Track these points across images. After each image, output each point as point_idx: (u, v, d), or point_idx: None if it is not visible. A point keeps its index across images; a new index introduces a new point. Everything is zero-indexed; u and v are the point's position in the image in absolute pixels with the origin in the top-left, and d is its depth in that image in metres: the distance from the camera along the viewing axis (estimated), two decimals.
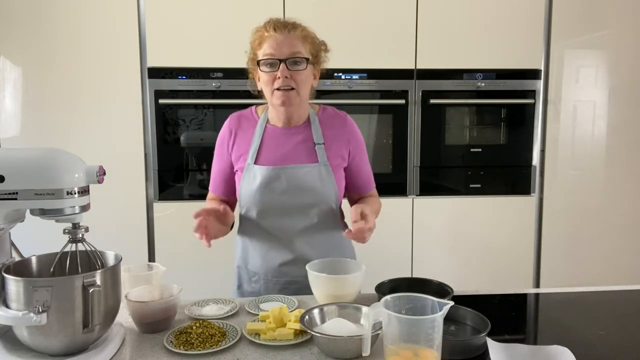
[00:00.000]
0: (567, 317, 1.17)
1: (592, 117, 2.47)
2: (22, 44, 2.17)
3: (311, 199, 1.36)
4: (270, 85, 1.32)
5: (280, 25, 1.31)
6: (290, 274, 1.39)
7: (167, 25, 2.22)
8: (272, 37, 1.30)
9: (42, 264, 1.03)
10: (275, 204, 1.36)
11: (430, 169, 2.42)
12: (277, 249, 1.39)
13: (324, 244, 1.39)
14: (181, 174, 2.30)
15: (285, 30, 1.31)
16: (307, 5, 2.24)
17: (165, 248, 2.29)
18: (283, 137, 1.39)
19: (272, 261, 1.40)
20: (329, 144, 1.39)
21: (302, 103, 1.37)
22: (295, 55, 1.30)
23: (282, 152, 1.38)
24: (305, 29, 1.35)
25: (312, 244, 1.38)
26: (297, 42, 1.31)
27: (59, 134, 2.21)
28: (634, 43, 2.43)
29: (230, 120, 1.46)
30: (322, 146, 1.38)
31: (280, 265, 1.39)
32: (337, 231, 1.43)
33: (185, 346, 0.97)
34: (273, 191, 1.35)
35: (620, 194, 2.51)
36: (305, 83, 1.34)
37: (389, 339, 0.86)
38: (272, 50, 1.30)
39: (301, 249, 1.38)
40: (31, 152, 0.95)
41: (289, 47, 1.30)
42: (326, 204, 1.38)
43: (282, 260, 1.39)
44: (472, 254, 2.45)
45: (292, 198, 1.35)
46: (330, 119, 1.43)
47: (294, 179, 1.35)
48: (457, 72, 2.37)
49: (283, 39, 1.30)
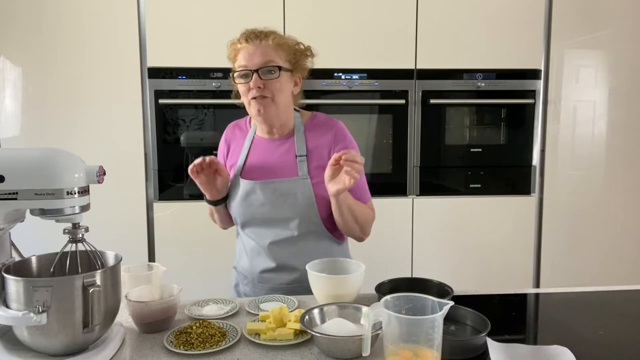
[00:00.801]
0: (567, 317, 1.17)
1: (592, 117, 2.47)
2: (22, 44, 2.17)
3: (290, 213, 1.35)
4: (246, 96, 1.34)
5: (252, 36, 1.32)
6: (273, 281, 1.39)
7: (167, 25, 2.22)
8: (245, 49, 1.32)
9: (42, 264, 1.03)
10: (258, 217, 1.37)
11: (430, 169, 2.42)
12: (260, 257, 1.40)
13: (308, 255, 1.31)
14: (181, 174, 2.30)
15: (257, 41, 1.31)
16: (307, 5, 2.24)
17: (165, 248, 2.29)
18: (268, 150, 1.41)
19: (256, 267, 1.41)
20: (312, 155, 1.36)
21: (279, 112, 1.35)
22: (267, 65, 1.30)
23: (266, 165, 1.39)
24: (279, 36, 1.34)
25: (295, 254, 1.36)
26: (270, 51, 1.31)
27: (59, 134, 2.21)
28: (634, 43, 2.44)
29: (227, 130, 1.51)
30: (304, 158, 1.36)
31: (262, 272, 1.40)
32: (324, 241, 1.40)
33: (185, 346, 0.97)
34: (251, 204, 1.36)
35: (620, 194, 2.51)
36: (281, 91, 1.33)
37: (389, 339, 0.86)
38: (245, 61, 1.31)
39: (283, 258, 1.37)
40: (31, 152, 0.95)
41: (261, 56, 1.30)
42: (306, 216, 1.35)
43: (264, 267, 1.40)
44: (472, 254, 2.45)
45: (270, 211, 1.35)
46: (318, 127, 1.40)
47: (272, 192, 1.34)
48: (457, 72, 2.37)
49: (254, 50, 1.31)
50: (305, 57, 1.40)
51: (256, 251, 1.41)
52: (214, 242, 2.13)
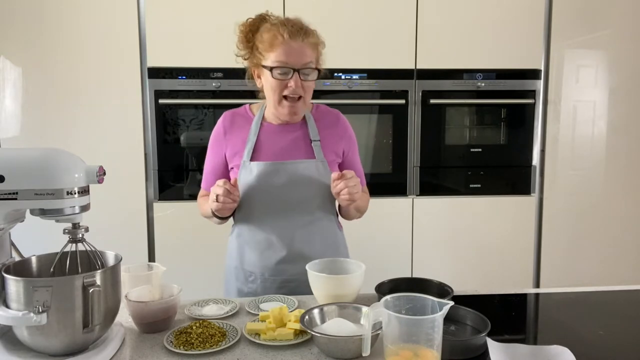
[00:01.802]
0: (567, 317, 1.17)
1: (592, 117, 2.47)
2: (22, 44, 2.17)
3: (310, 192, 1.38)
4: (278, 91, 1.32)
5: (295, 32, 1.30)
6: (288, 272, 1.38)
7: (167, 25, 2.22)
8: (287, 44, 1.29)
9: (42, 264, 1.03)
10: (275, 198, 1.37)
11: (430, 169, 2.42)
12: (274, 247, 1.39)
13: (320, 240, 1.40)
14: (181, 174, 2.30)
15: (299, 39, 1.30)
16: (307, 5, 2.24)
17: (165, 248, 2.29)
18: (280, 134, 1.41)
19: (269, 260, 1.39)
20: (324, 141, 1.41)
21: (305, 109, 1.40)
22: (307, 66, 1.31)
23: (279, 148, 1.39)
24: (316, 35, 1.35)
25: (309, 240, 1.39)
26: (309, 52, 1.32)
27: (59, 134, 2.21)
28: (634, 43, 2.43)
29: (224, 118, 1.46)
30: (318, 143, 1.40)
31: (277, 264, 1.39)
32: (332, 227, 1.45)
33: (185, 346, 0.97)
34: (272, 185, 1.36)
35: (620, 194, 2.51)
36: (311, 91, 1.37)
37: (389, 339, 0.86)
38: (286, 58, 1.29)
39: (298, 245, 1.38)
40: (31, 152, 0.95)
41: (303, 56, 1.30)
42: (324, 197, 1.39)
43: (279, 258, 1.38)
44: (472, 254, 2.45)
45: (291, 191, 1.36)
46: (324, 117, 1.46)
47: (293, 173, 1.36)
48: (457, 72, 2.37)
49: (297, 48, 1.30)
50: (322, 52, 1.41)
51: (268, 243, 1.39)
52: (214, 242, 2.13)
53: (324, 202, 1.41)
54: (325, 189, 1.37)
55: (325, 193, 1.38)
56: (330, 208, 1.44)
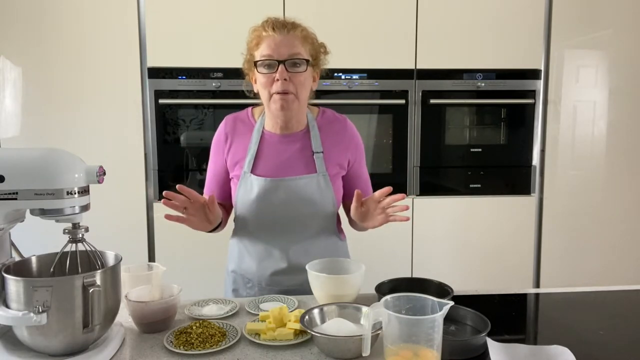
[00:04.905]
0: (567, 317, 1.17)
1: (592, 117, 2.47)
2: (22, 44, 2.17)
3: (309, 210, 1.34)
4: (267, 88, 1.27)
5: (279, 25, 1.27)
6: (284, 283, 1.37)
7: (167, 25, 2.22)
8: (271, 37, 1.26)
9: (42, 264, 1.03)
10: (273, 216, 1.34)
11: (431, 169, 2.42)
12: (272, 258, 1.36)
13: (320, 252, 1.34)
14: (181, 174, 2.30)
15: (285, 30, 1.26)
16: (307, 5, 2.24)
17: (165, 248, 2.29)
18: (280, 145, 1.35)
19: (265, 270, 1.37)
20: (328, 152, 1.36)
21: (300, 108, 1.32)
22: (294, 57, 1.25)
23: (279, 162, 1.34)
24: (306, 29, 1.31)
25: (308, 252, 1.35)
26: (297, 43, 1.27)
27: (59, 134, 2.21)
28: (634, 43, 2.44)
29: (226, 123, 1.41)
30: (320, 155, 1.34)
31: (272, 275, 1.37)
32: (332, 238, 1.41)
33: (185, 346, 0.97)
34: (271, 203, 1.32)
35: (620, 194, 2.51)
36: (304, 86, 1.29)
37: (389, 339, 0.86)
38: (270, 51, 1.25)
39: (296, 258, 1.35)
40: (31, 152, 0.95)
41: (288, 47, 1.25)
42: (324, 213, 1.36)
43: (275, 269, 1.36)
44: (472, 253, 2.45)
45: (290, 210, 1.33)
46: (330, 124, 1.39)
47: (292, 190, 1.32)
48: (457, 72, 2.37)
49: (282, 39, 1.25)
50: (323, 53, 1.37)
51: (266, 253, 1.37)
52: (214, 242, 2.12)
53: (325, 216, 1.37)
54: (325, 205, 1.34)
55: (325, 209, 1.35)
56: (330, 223, 1.39)
